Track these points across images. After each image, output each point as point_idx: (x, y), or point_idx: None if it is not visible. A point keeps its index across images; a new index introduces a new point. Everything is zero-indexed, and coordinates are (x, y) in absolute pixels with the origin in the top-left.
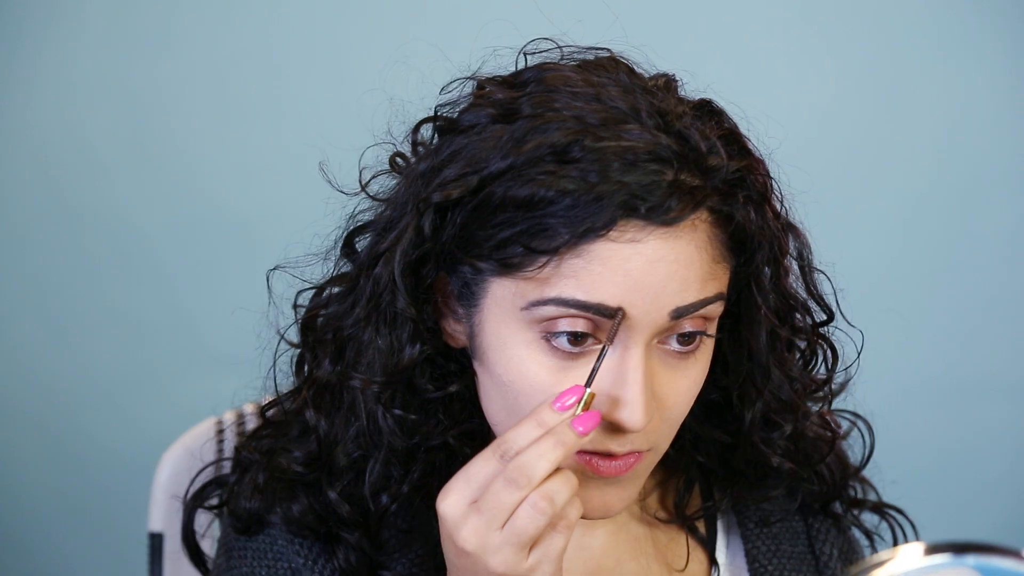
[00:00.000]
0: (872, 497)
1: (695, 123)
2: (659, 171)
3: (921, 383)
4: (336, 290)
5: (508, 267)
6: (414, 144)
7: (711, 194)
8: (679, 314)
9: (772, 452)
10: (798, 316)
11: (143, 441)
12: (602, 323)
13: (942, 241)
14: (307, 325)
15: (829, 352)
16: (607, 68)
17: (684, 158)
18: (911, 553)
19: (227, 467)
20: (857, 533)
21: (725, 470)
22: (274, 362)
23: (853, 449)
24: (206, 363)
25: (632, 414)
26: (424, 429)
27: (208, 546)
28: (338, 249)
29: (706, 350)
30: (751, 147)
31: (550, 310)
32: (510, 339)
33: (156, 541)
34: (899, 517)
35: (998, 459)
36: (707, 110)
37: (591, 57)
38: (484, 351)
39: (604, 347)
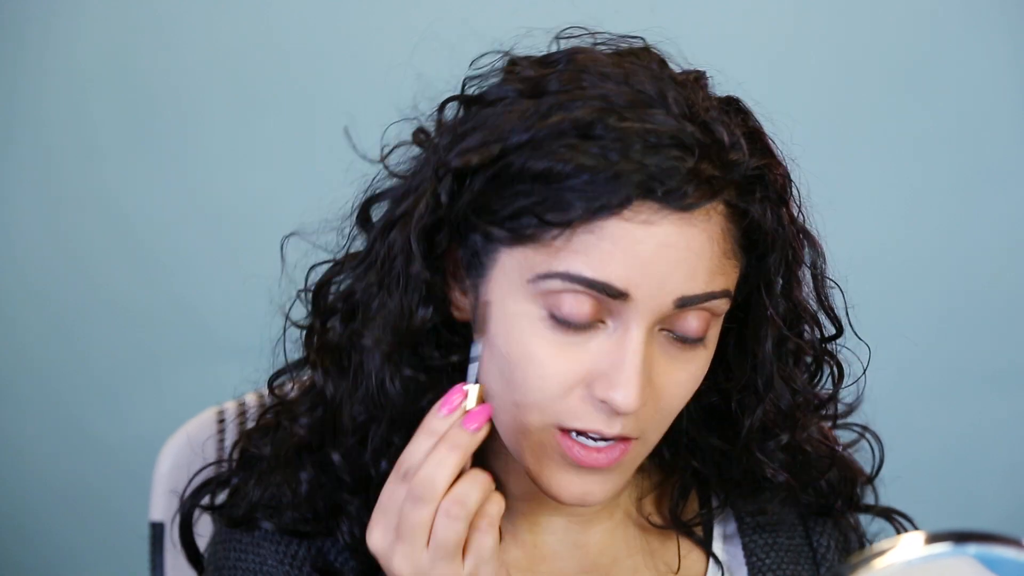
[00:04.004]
0: (870, 500)
1: (721, 116)
2: (680, 157)
3: (923, 377)
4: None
5: (520, 237)
6: (439, 123)
7: (729, 186)
8: (684, 303)
9: (767, 463)
10: (806, 328)
11: (144, 430)
12: (607, 303)
13: (946, 234)
14: (319, 292)
15: (835, 369)
16: (639, 56)
17: (706, 148)
18: (912, 542)
19: (226, 467)
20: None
21: (720, 478)
22: (283, 332)
23: (860, 455)
24: (207, 352)
25: (626, 395)
26: (429, 395)
27: (203, 544)
28: (354, 218)
29: (709, 346)
30: (774, 149)
31: (556, 284)
32: (514, 312)
33: (157, 530)
34: (904, 522)
35: (1001, 453)
36: (734, 108)
37: (624, 45)
38: (487, 322)
39: (477, 341)
